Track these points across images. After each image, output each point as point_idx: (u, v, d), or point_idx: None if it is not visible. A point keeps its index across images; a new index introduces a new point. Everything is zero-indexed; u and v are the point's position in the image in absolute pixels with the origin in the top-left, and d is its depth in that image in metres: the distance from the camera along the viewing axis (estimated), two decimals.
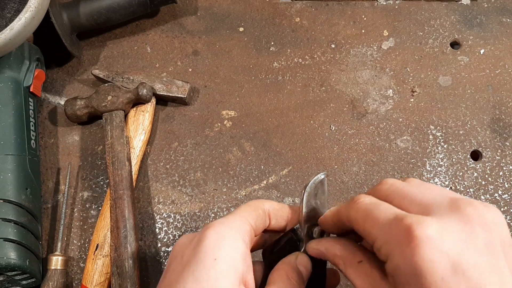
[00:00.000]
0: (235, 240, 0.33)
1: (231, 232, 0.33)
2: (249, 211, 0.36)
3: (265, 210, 0.37)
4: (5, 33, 0.49)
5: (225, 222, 0.34)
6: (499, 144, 0.58)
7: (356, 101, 0.61)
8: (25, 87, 0.56)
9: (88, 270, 0.52)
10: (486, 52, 0.63)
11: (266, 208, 0.37)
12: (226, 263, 0.31)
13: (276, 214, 0.38)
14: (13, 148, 0.52)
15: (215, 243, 0.32)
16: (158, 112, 0.61)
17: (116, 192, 0.53)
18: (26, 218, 0.51)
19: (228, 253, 0.32)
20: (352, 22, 0.65)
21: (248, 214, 0.36)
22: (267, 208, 0.37)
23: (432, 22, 0.65)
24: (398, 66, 0.62)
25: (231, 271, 0.31)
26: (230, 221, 0.34)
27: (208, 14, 0.67)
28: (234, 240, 0.33)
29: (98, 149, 0.59)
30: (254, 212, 0.36)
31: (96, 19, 0.61)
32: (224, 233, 0.33)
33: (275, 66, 0.63)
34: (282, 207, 0.39)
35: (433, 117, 0.60)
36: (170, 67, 0.63)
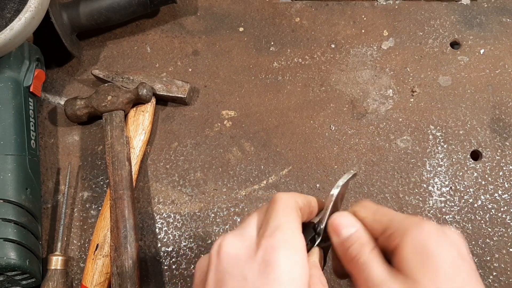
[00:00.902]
0: (305, 267, 0.31)
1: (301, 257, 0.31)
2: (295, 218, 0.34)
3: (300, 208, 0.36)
4: (5, 33, 0.49)
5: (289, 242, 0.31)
6: (499, 144, 0.58)
7: (356, 101, 0.61)
8: (25, 87, 0.56)
9: (88, 270, 0.52)
10: (486, 52, 0.63)
11: (300, 206, 0.36)
12: (302, 281, 0.30)
13: (304, 210, 0.37)
14: (13, 148, 0.52)
15: (291, 273, 0.30)
16: (158, 112, 0.61)
17: (116, 192, 0.53)
18: (26, 218, 0.51)
19: (303, 283, 0.30)
20: (352, 22, 0.65)
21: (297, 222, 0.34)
22: (300, 206, 0.36)
23: (432, 22, 0.65)
24: (398, 66, 0.62)
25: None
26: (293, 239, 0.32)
27: (208, 14, 0.67)
28: (304, 267, 0.31)
29: (98, 149, 0.59)
30: (298, 217, 0.35)
31: (96, 19, 0.61)
32: (297, 259, 0.31)
33: (275, 66, 0.63)
34: (309, 202, 0.37)
35: (433, 117, 0.60)
36: (170, 67, 0.63)
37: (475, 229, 0.54)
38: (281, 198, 0.35)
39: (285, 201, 0.34)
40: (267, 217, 0.33)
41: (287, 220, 0.33)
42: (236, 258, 0.31)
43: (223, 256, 0.31)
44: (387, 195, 0.56)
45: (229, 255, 0.31)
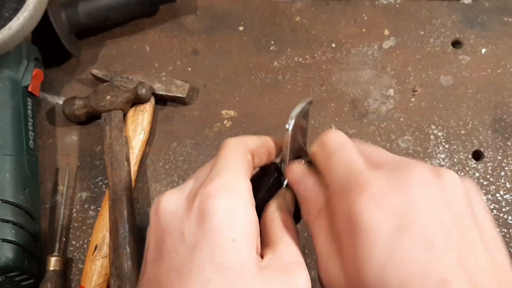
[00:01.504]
0: (248, 210, 0.28)
1: (242, 200, 0.28)
2: (241, 161, 0.31)
3: (251, 151, 0.32)
4: (3, 32, 0.48)
5: (228, 186, 0.28)
6: (501, 144, 0.58)
7: (356, 100, 0.60)
8: (23, 87, 0.56)
9: (87, 271, 0.51)
10: (488, 52, 0.62)
11: (251, 149, 0.32)
12: (246, 242, 0.27)
13: (259, 152, 0.33)
14: (11, 148, 0.52)
15: (229, 219, 0.26)
16: (157, 112, 0.61)
17: (115, 193, 0.52)
18: (24, 218, 0.50)
19: (246, 229, 0.27)
20: (352, 21, 0.65)
21: (242, 165, 0.30)
22: (251, 149, 0.32)
23: (433, 21, 0.64)
24: (399, 65, 0.62)
25: (252, 250, 0.27)
26: (233, 183, 0.28)
27: (207, 13, 0.66)
28: (247, 211, 0.28)
29: (97, 149, 0.59)
30: (246, 161, 0.31)
31: (95, 18, 0.61)
32: (236, 203, 0.27)
33: (275, 66, 0.63)
34: (263, 142, 0.34)
35: (434, 117, 0.59)
36: (169, 67, 0.63)
37: None
38: (227, 144, 0.31)
39: (230, 146, 0.31)
40: (212, 167, 0.30)
41: (229, 165, 0.29)
42: (173, 213, 0.28)
43: (160, 213, 0.29)
44: None
45: (166, 211, 0.29)
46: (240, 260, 0.26)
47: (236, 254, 0.26)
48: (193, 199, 0.28)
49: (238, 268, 0.26)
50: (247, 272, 0.26)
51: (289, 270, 0.28)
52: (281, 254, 0.29)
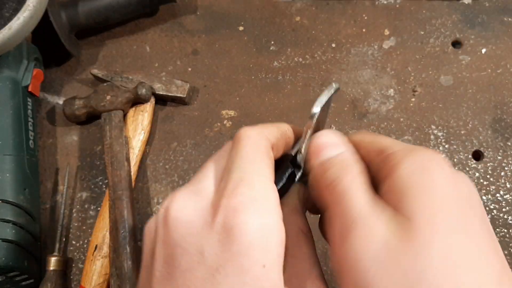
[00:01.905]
0: (280, 230, 0.24)
1: (275, 217, 0.24)
2: (266, 163, 0.26)
3: (272, 146, 0.28)
4: (3, 32, 0.49)
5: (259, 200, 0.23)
6: (501, 144, 0.57)
7: (357, 100, 0.60)
8: (23, 87, 0.56)
9: (87, 271, 0.51)
10: (488, 52, 0.62)
11: (272, 144, 0.28)
12: (277, 267, 0.23)
13: (278, 145, 0.29)
14: (11, 148, 0.52)
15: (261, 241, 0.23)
16: (157, 112, 0.61)
17: (115, 193, 0.52)
18: (24, 218, 0.50)
19: (278, 253, 0.23)
20: (352, 21, 0.65)
21: (268, 168, 0.26)
22: (272, 143, 0.28)
23: (433, 21, 0.64)
24: (399, 65, 0.62)
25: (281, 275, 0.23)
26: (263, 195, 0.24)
27: (207, 13, 0.66)
28: (279, 231, 0.24)
29: (97, 149, 0.59)
30: (270, 161, 0.26)
31: (95, 18, 0.61)
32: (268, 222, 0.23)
33: (275, 66, 0.63)
34: (283, 134, 0.30)
35: (434, 117, 0.59)
36: (169, 67, 0.63)
37: None
38: (247, 137, 0.26)
39: (252, 142, 0.26)
40: (229, 165, 0.25)
41: (255, 169, 0.25)
42: (189, 225, 0.24)
43: (172, 224, 0.24)
44: None
45: (180, 222, 0.24)
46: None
47: (266, 282, 0.22)
48: (215, 211, 0.23)
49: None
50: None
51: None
52: (302, 271, 0.26)
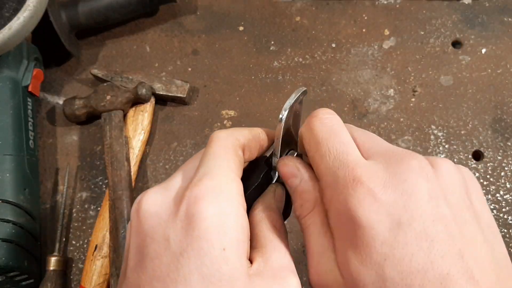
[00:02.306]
0: (240, 216, 0.26)
1: (233, 205, 0.26)
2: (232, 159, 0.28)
3: (242, 146, 0.30)
4: (4, 32, 0.48)
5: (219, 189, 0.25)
6: (501, 144, 0.57)
7: (357, 101, 0.60)
8: (24, 87, 0.56)
9: (87, 271, 0.51)
10: (488, 52, 0.62)
11: (242, 144, 0.30)
12: (237, 251, 0.25)
13: (250, 146, 0.31)
14: (11, 148, 0.52)
15: (219, 226, 0.24)
16: (157, 112, 0.61)
17: (115, 193, 0.52)
18: (25, 218, 0.50)
19: (237, 237, 0.25)
20: (353, 21, 0.65)
21: (233, 164, 0.28)
22: (242, 143, 0.30)
23: (433, 21, 0.64)
24: (399, 65, 0.62)
25: (243, 259, 0.25)
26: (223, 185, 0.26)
27: (207, 13, 0.66)
28: (238, 216, 0.25)
29: (97, 149, 0.59)
30: (237, 158, 0.29)
31: (95, 18, 0.61)
32: (227, 208, 0.25)
33: (275, 66, 0.63)
34: (255, 136, 0.32)
35: (434, 117, 0.59)
36: (169, 67, 0.63)
37: None
38: (216, 138, 0.29)
39: (220, 142, 0.28)
40: (199, 164, 0.27)
41: (219, 164, 0.27)
42: (157, 216, 0.26)
43: (142, 215, 0.26)
44: None
45: (149, 213, 0.26)
46: (230, 270, 0.24)
47: (226, 265, 0.24)
48: (180, 201, 0.25)
49: (227, 279, 0.24)
50: (237, 283, 0.24)
51: (280, 277, 0.26)
52: (271, 260, 0.27)
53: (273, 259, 0.27)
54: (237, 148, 0.29)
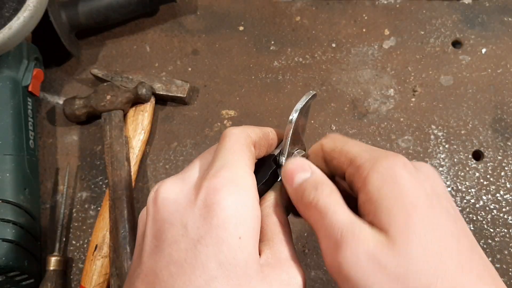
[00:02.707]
0: (255, 207, 0.27)
1: (250, 196, 0.27)
2: (246, 154, 0.30)
3: (253, 143, 0.32)
4: (4, 32, 0.49)
5: (236, 180, 0.27)
6: (501, 144, 0.57)
7: (357, 100, 0.60)
8: (24, 87, 0.56)
9: (87, 271, 0.51)
10: (488, 52, 0.62)
11: (253, 140, 0.32)
12: (252, 240, 0.26)
13: (260, 144, 0.33)
14: (11, 148, 0.52)
15: (236, 215, 0.26)
16: (157, 111, 0.61)
17: (115, 193, 0.53)
18: (25, 218, 0.50)
19: (253, 227, 0.26)
20: (353, 21, 0.65)
21: (248, 158, 0.29)
22: (253, 140, 0.32)
23: (433, 21, 0.64)
24: (400, 65, 0.62)
25: (256, 248, 0.27)
26: (240, 178, 0.27)
27: (207, 13, 0.66)
28: (254, 208, 0.27)
29: (97, 149, 0.59)
30: (250, 153, 0.30)
31: (95, 18, 0.61)
32: (244, 199, 0.26)
33: (275, 66, 0.63)
34: (265, 134, 0.33)
35: (434, 117, 0.59)
36: (169, 67, 0.63)
37: (476, 230, 0.54)
38: (231, 134, 0.30)
39: (235, 137, 0.30)
40: (214, 157, 0.29)
41: (235, 157, 0.28)
42: (175, 204, 0.27)
43: (160, 202, 0.28)
44: None
45: (167, 201, 0.27)
46: (245, 258, 0.25)
47: (241, 253, 0.25)
48: (198, 191, 0.27)
49: (242, 266, 0.25)
50: (251, 270, 0.25)
51: (286, 268, 0.28)
52: (279, 252, 0.28)
53: (280, 251, 0.28)
54: (249, 144, 0.31)
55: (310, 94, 0.33)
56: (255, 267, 0.26)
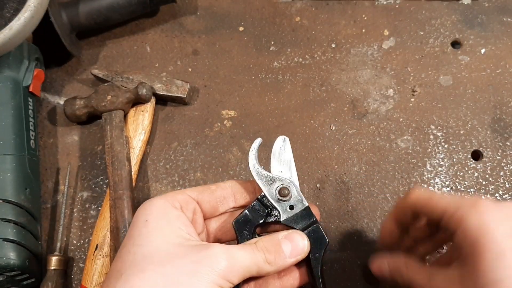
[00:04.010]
0: (165, 207, 0.37)
1: (160, 201, 0.37)
2: (193, 188, 0.41)
3: (221, 186, 0.41)
4: (4, 32, 0.49)
5: (156, 197, 0.38)
6: (500, 144, 0.58)
7: (356, 100, 0.61)
8: (24, 87, 0.56)
9: (88, 270, 0.51)
10: (487, 52, 0.62)
11: (223, 185, 0.41)
12: (157, 222, 0.35)
13: (240, 189, 0.42)
14: (12, 148, 0.52)
15: (145, 210, 0.37)
16: (157, 112, 0.61)
17: (116, 192, 0.53)
18: (26, 218, 0.50)
19: (158, 215, 0.36)
20: (352, 22, 0.65)
21: (190, 189, 0.40)
22: (225, 185, 0.41)
23: (432, 22, 0.64)
24: (399, 65, 0.62)
25: (164, 227, 0.35)
26: (162, 195, 0.38)
27: (208, 13, 0.66)
28: (163, 207, 0.37)
29: (98, 149, 0.59)
30: (201, 187, 0.41)
31: (95, 18, 0.61)
32: (154, 202, 0.37)
33: (275, 66, 0.63)
34: (245, 182, 0.42)
35: (433, 117, 0.59)
36: (169, 67, 0.63)
37: None
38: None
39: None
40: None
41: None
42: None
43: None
44: (387, 195, 0.56)
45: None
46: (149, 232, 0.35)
47: (146, 229, 0.35)
48: None
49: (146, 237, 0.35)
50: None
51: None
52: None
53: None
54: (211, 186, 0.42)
55: (253, 147, 0.42)
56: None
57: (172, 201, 0.38)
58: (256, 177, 0.40)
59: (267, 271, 0.36)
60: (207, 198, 0.40)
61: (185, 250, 0.34)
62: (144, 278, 0.32)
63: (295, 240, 0.38)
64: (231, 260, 0.34)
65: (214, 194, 0.41)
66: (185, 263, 0.33)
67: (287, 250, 0.37)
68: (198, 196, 0.40)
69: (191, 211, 0.39)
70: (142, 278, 0.32)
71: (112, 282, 0.33)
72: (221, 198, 0.41)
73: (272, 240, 0.37)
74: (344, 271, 0.52)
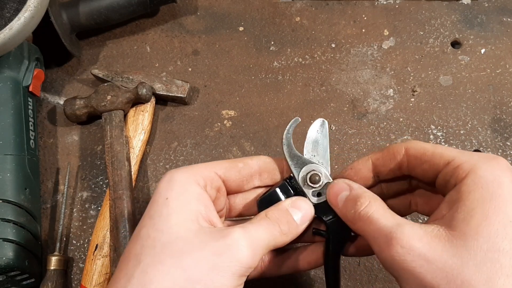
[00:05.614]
0: (187, 183, 0.35)
1: (183, 175, 0.36)
2: (220, 162, 0.38)
3: (249, 163, 0.39)
4: (4, 32, 0.49)
5: (181, 168, 0.36)
6: (500, 144, 0.58)
7: (356, 100, 0.61)
8: (24, 87, 0.56)
9: (88, 270, 0.51)
10: (487, 52, 0.62)
11: (251, 162, 0.39)
12: (177, 201, 0.34)
13: (268, 167, 0.40)
14: (12, 148, 0.52)
15: (167, 185, 0.35)
16: (157, 111, 0.61)
17: (116, 192, 0.53)
18: (25, 218, 0.50)
19: (179, 193, 0.35)
20: (352, 22, 0.65)
21: (217, 164, 0.38)
22: (253, 162, 0.39)
23: (432, 22, 0.64)
24: (399, 65, 0.62)
25: (184, 209, 0.34)
26: (187, 168, 0.36)
27: (208, 13, 0.66)
28: (185, 183, 0.35)
29: (98, 149, 0.59)
30: (228, 163, 0.38)
31: (95, 18, 0.61)
32: (176, 177, 0.35)
33: (275, 66, 0.63)
34: (273, 160, 0.41)
35: (433, 116, 0.59)
36: (169, 67, 0.63)
37: None
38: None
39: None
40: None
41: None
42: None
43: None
44: None
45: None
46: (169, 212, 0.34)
47: (166, 209, 0.34)
48: None
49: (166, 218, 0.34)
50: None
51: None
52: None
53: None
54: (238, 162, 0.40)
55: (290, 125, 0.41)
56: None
57: (196, 177, 0.36)
58: (288, 158, 0.39)
59: (283, 242, 0.36)
60: (234, 177, 0.39)
61: (204, 239, 0.32)
62: (164, 272, 0.31)
63: (303, 207, 0.38)
64: (252, 245, 0.33)
65: (240, 173, 0.39)
66: (205, 255, 0.32)
67: (297, 218, 0.37)
68: (225, 173, 0.38)
69: (215, 189, 0.38)
70: (162, 272, 0.31)
71: (130, 268, 0.32)
72: (247, 177, 0.40)
73: (280, 210, 0.37)
74: (344, 271, 0.52)
